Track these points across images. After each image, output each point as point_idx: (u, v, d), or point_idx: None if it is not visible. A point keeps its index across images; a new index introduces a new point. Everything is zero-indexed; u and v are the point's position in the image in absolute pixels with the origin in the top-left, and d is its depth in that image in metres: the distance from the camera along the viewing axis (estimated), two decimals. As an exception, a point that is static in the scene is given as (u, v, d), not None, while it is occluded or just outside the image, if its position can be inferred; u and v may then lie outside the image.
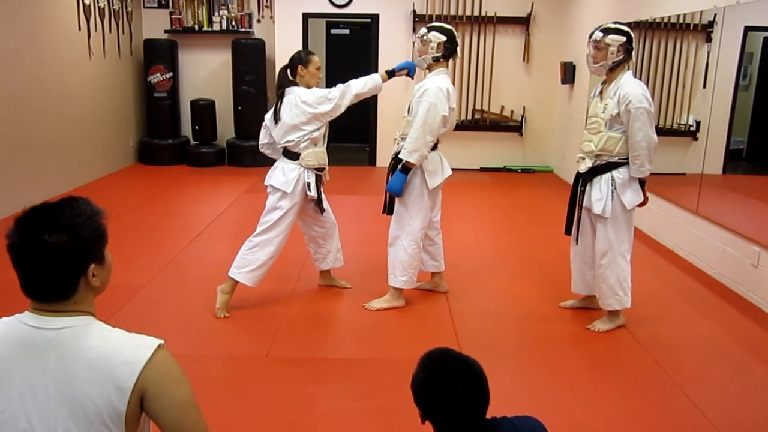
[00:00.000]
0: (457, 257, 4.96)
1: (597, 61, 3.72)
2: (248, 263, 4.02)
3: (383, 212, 4.21)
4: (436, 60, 3.98)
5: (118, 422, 1.37)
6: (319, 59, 4.03)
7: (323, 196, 4.17)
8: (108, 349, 1.39)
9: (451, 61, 4.19)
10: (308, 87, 3.96)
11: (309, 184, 4.00)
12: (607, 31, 3.68)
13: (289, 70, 4.00)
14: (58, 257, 1.37)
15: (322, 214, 4.18)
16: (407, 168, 3.90)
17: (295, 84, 3.97)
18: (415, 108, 3.89)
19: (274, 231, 4.02)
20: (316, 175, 4.04)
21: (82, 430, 1.36)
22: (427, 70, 4.05)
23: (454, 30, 4.05)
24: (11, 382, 1.37)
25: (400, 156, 3.92)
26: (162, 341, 1.44)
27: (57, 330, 1.39)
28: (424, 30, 4.00)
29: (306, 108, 3.88)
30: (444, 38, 3.94)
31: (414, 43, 4.07)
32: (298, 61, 3.97)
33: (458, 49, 4.08)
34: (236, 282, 4.02)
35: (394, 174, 3.97)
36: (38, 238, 1.35)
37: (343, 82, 4.02)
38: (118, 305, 4.08)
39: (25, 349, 1.38)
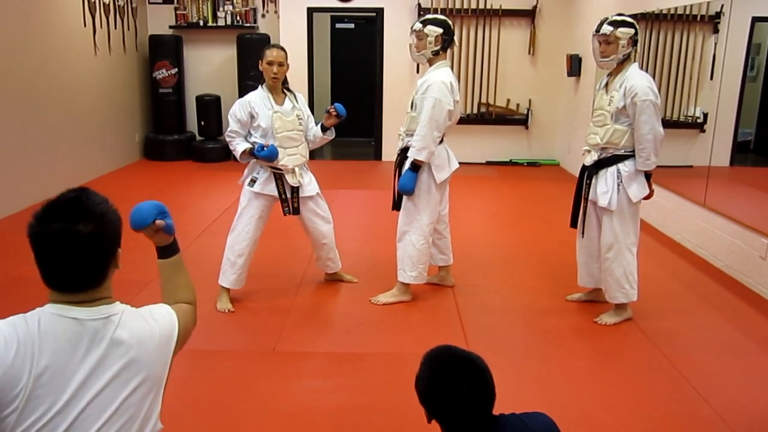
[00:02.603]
0: (464, 251, 4.95)
1: (607, 55, 3.67)
2: (222, 265, 4.07)
3: (393, 209, 4.19)
4: (436, 53, 3.93)
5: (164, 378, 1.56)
6: (275, 53, 3.86)
7: (305, 202, 4.07)
8: (154, 323, 1.55)
9: (455, 54, 4.16)
10: (268, 85, 3.91)
11: (254, 180, 3.97)
12: (615, 24, 3.63)
13: None
14: (94, 245, 1.42)
15: (284, 215, 4.06)
16: (417, 166, 3.88)
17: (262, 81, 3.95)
18: (419, 104, 3.87)
19: (236, 228, 4.04)
20: (275, 174, 3.95)
21: (140, 397, 1.48)
22: (427, 64, 4.02)
23: (448, 20, 3.98)
24: (64, 375, 1.38)
25: (408, 155, 3.90)
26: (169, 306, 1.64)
27: (104, 319, 1.45)
28: (419, 25, 3.92)
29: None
30: (441, 30, 3.88)
31: (412, 39, 3.98)
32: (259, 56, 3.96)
33: (455, 38, 4.02)
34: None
35: (404, 173, 3.94)
36: (73, 228, 1.38)
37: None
38: (126, 300, 4.05)
39: (76, 343, 1.41)
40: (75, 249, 1.38)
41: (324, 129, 4.08)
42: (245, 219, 4.00)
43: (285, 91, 4.01)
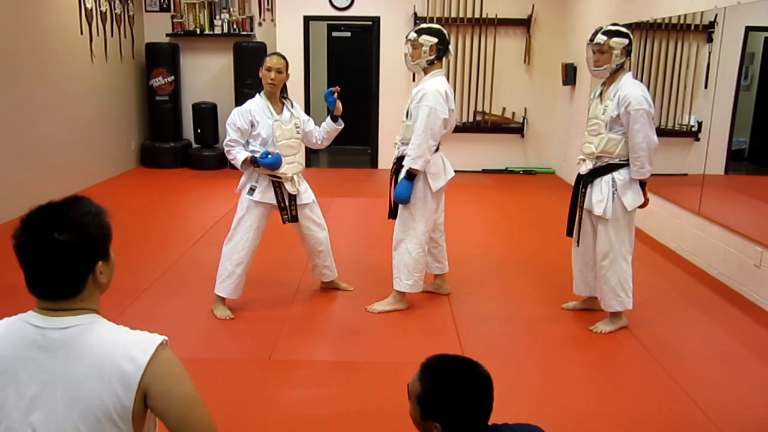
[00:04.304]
0: (459, 259, 4.96)
1: (600, 64, 3.69)
2: (219, 274, 4.04)
3: (389, 217, 4.19)
4: (431, 62, 3.94)
5: (126, 418, 1.39)
6: (274, 60, 3.89)
7: (302, 210, 4.07)
8: (112, 346, 1.41)
9: (451, 62, 4.17)
10: (266, 91, 3.92)
11: (252, 189, 3.95)
12: (609, 33, 3.66)
13: None
14: (68, 254, 1.38)
15: (283, 222, 4.06)
16: (412, 174, 3.89)
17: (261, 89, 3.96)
18: (415, 113, 3.87)
19: (234, 237, 4.01)
20: (274, 182, 3.95)
21: (90, 427, 1.38)
22: (422, 73, 4.03)
23: (443, 29, 3.99)
24: (18, 383, 1.38)
25: (404, 163, 3.90)
26: (165, 338, 1.47)
27: (62, 329, 1.41)
28: (413, 34, 3.93)
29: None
30: (435, 40, 3.89)
31: (407, 48, 3.99)
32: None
33: (450, 47, 4.01)
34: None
35: (399, 182, 3.93)
36: (48, 235, 1.37)
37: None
38: (121, 308, 4.08)
39: (31, 350, 1.39)
40: (47, 256, 1.38)
41: (334, 119, 4.09)
42: (244, 228, 3.98)
43: (282, 99, 4.02)
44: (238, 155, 3.87)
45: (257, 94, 3.97)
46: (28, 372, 1.38)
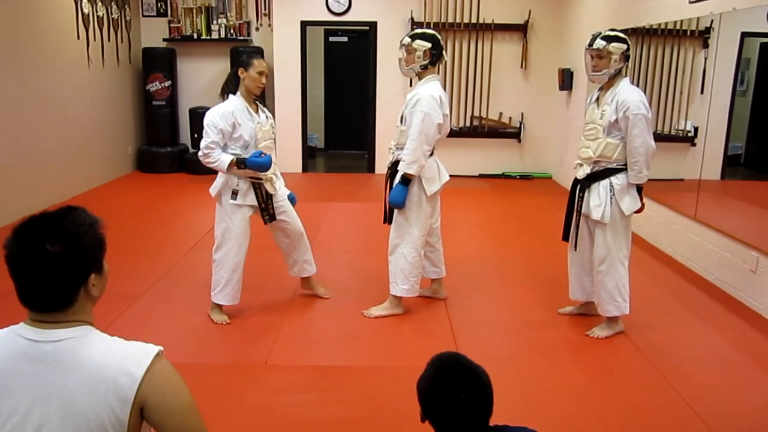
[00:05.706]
0: (456, 264, 4.96)
1: (599, 69, 3.70)
2: (216, 284, 4.01)
3: (384, 222, 4.19)
4: (424, 67, 3.95)
5: (121, 431, 1.38)
6: (264, 64, 3.88)
7: (277, 206, 4.03)
8: (107, 360, 1.39)
9: (448, 67, 4.17)
10: (250, 92, 3.88)
11: (235, 192, 3.91)
12: (608, 38, 3.66)
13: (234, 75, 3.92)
14: (60, 266, 1.36)
15: (265, 223, 4.03)
16: (407, 179, 3.89)
17: (236, 89, 3.90)
18: (409, 118, 3.88)
19: (225, 245, 3.96)
20: (254, 184, 3.92)
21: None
22: (417, 78, 4.04)
23: (437, 34, 4.00)
24: (11, 397, 1.36)
25: (399, 168, 3.91)
26: (161, 348, 1.45)
27: (55, 342, 1.38)
28: (407, 39, 3.94)
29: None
30: (429, 45, 3.91)
31: (401, 53, 4.00)
32: (241, 63, 3.89)
33: (444, 52, 4.02)
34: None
35: (394, 187, 3.94)
36: (39, 247, 1.34)
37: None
38: (117, 313, 4.07)
39: (24, 363, 1.37)
40: (38, 268, 1.35)
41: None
42: (234, 233, 3.95)
43: (254, 101, 3.98)
44: (221, 157, 3.81)
45: (234, 95, 3.91)
46: (21, 385, 1.36)
